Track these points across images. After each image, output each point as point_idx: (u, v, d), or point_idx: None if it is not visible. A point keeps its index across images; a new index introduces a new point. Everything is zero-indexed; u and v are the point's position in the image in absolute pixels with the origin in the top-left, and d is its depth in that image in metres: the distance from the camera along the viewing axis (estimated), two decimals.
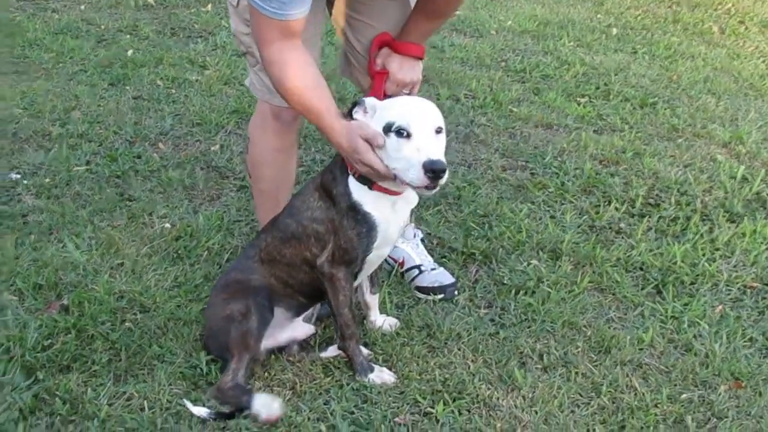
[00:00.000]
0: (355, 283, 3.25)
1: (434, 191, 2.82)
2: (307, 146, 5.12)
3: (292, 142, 3.68)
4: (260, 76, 3.41)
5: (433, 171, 2.72)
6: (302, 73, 2.98)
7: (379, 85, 3.36)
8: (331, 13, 3.56)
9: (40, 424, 2.90)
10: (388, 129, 2.83)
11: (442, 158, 2.77)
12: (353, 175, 2.99)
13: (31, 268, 3.76)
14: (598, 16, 8.64)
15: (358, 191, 2.99)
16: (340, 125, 2.94)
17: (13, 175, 4.65)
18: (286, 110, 3.50)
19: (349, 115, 2.95)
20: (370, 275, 3.40)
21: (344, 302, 3.11)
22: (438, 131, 2.85)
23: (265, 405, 2.92)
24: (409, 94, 3.38)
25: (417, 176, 2.75)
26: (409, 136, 2.80)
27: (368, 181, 2.96)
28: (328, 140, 3.06)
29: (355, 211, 2.99)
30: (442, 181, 2.77)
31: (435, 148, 2.78)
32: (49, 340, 3.30)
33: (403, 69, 3.34)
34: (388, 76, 3.36)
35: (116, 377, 3.14)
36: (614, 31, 8.04)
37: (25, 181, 4.58)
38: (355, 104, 2.96)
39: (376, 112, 2.90)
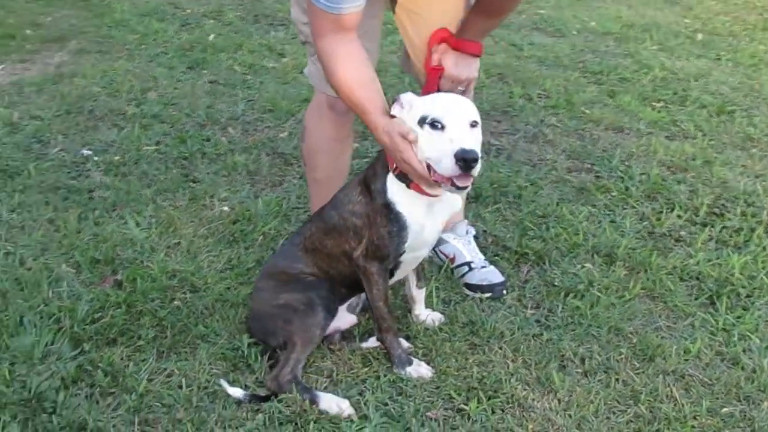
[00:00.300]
0: (392, 281, 3.25)
1: (466, 189, 2.81)
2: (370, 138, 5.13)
3: (347, 132, 3.71)
4: (318, 66, 3.44)
5: (464, 160, 2.70)
6: (352, 67, 3.00)
7: (433, 81, 3.36)
8: (393, 10, 3.56)
9: (80, 394, 2.99)
10: (422, 121, 2.83)
11: (476, 148, 2.76)
12: (393, 172, 3.00)
13: (90, 242, 3.86)
14: (686, 20, 8.51)
15: (394, 189, 3.01)
16: (384, 122, 2.94)
17: (85, 151, 4.77)
18: (341, 101, 3.52)
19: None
20: (417, 270, 3.41)
21: (378, 296, 3.13)
22: (473, 125, 2.84)
23: (333, 405, 2.96)
24: (464, 91, 3.37)
25: (449, 166, 2.73)
26: (443, 128, 2.80)
27: (407, 178, 2.97)
28: (375, 136, 3.07)
29: (388, 209, 3.00)
30: (475, 171, 2.75)
31: (468, 139, 2.78)
32: (99, 314, 3.40)
33: (459, 66, 3.34)
34: (443, 72, 3.35)
35: (159, 354, 3.21)
36: (699, 36, 7.91)
37: (95, 158, 4.71)
38: (393, 101, 2.97)
39: (412, 108, 2.91)
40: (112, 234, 3.93)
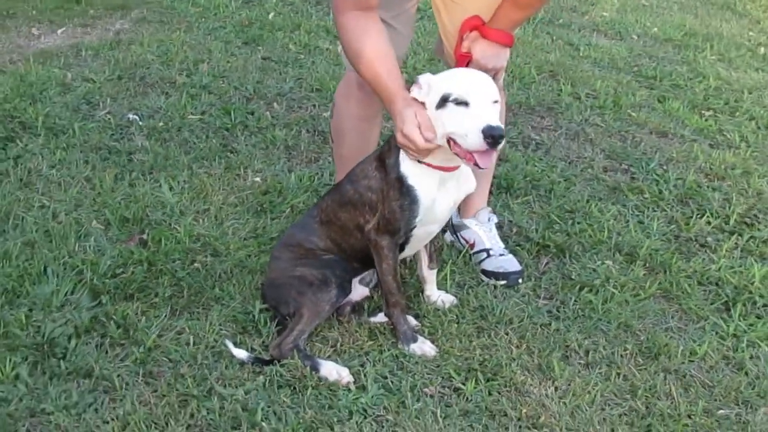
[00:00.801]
0: (402, 255, 3.31)
1: (486, 167, 2.89)
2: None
3: (375, 111, 3.77)
4: None
5: (492, 137, 2.79)
6: (372, 41, 3.09)
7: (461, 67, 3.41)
8: None
9: (91, 343, 3.10)
10: (445, 99, 2.90)
11: (501, 124, 2.84)
12: None
13: (122, 202, 3.98)
14: (750, 33, 8.42)
15: (407, 163, 3.07)
16: (405, 94, 3.04)
17: (131, 116, 4.89)
18: None
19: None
20: (428, 251, 3.47)
21: (387, 270, 3.19)
22: (495, 102, 2.91)
23: (333, 372, 3.04)
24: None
25: (476, 141, 2.82)
26: (467, 105, 2.87)
27: None
28: (389, 110, 3.14)
29: (400, 182, 3.07)
30: (500, 146, 2.85)
31: (495, 116, 2.85)
32: (121, 269, 3.51)
33: (487, 55, 3.38)
34: (471, 59, 3.40)
35: (173, 311, 3.32)
36: (762, 50, 7.83)
37: (140, 122, 4.83)
38: (411, 83, 3.03)
39: (431, 88, 2.97)
40: (144, 196, 4.03)
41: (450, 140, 2.93)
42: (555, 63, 6.54)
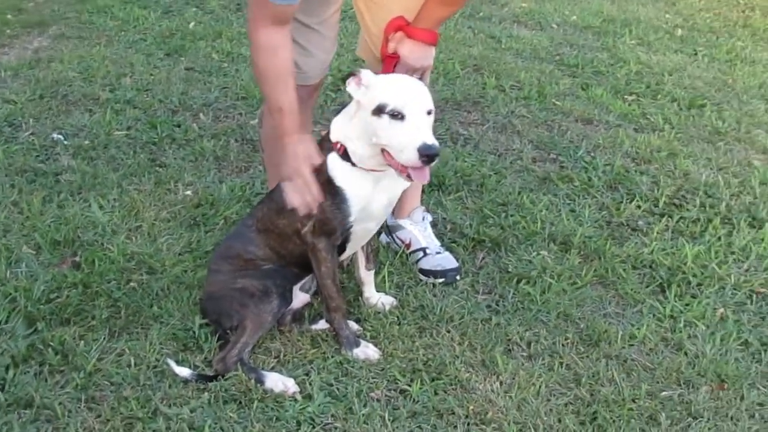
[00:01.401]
0: (342, 257, 3.32)
1: (419, 181, 2.96)
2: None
3: (307, 117, 3.77)
4: None
5: (428, 156, 2.81)
6: (279, 66, 3.16)
7: (389, 69, 3.41)
8: None
9: (29, 372, 3.04)
10: (380, 110, 2.90)
11: (436, 142, 2.84)
12: (337, 152, 3.06)
13: (52, 224, 3.91)
14: (667, 15, 8.55)
15: (335, 165, 3.08)
16: (301, 135, 3.18)
17: (55, 136, 4.82)
18: (301, 88, 3.58)
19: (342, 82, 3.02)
20: (366, 253, 3.47)
21: (326, 273, 3.19)
22: (429, 113, 2.92)
23: (278, 383, 3.03)
24: (419, 79, 3.42)
25: (411, 158, 2.83)
26: (402, 117, 2.87)
27: (347, 157, 3.04)
28: (279, 135, 3.23)
29: (330, 184, 3.08)
30: (434, 164, 2.87)
31: (430, 132, 2.86)
32: (56, 294, 3.46)
33: (414, 54, 3.39)
34: (398, 60, 3.41)
35: (111, 333, 3.27)
36: (679, 32, 7.95)
37: (65, 142, 4.76)
38: (349, 74, 3.03)
39: (369, 89, 2.97)
40: (74, 217, 3.97)
41: (384, 151, 2.93)
42: (478, 57, 6.58)
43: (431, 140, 2.83)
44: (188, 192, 4.29)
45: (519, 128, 5.37)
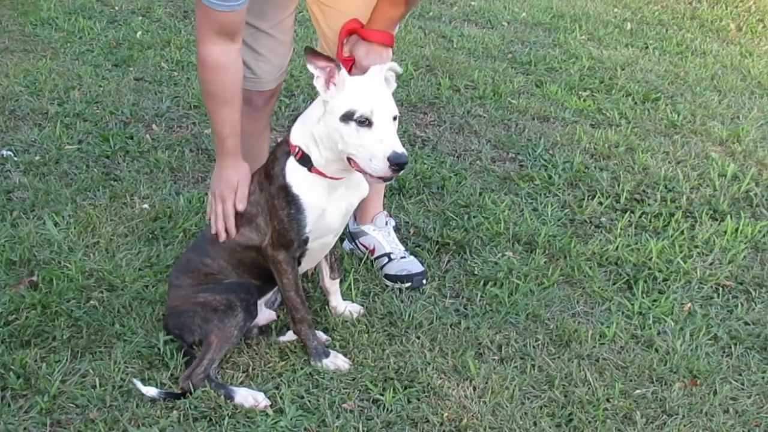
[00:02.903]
0: (301, 270, 3.26)
1: (390, 182, 2.90)
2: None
3: (264, 125, 3.72)
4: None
5: (398, 164, 2.77)
6: (225, 86, 3.16)
7: None
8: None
9: None
10: (348, 117, 2.85)
11: (404, 150, 2.80)
12: (294, 157, 3.01)
13: (6, 244, 3.80)
14: (615, 10, 8.57)
15: (293, 172, 3.02)
16: (237, 162, 3.21)
17: (5, 152, 4.70)
18: (257, 94, 3.55)
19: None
20: (329, 262, 3.42)
21: (288, 285, 3.13)
22: (394, 119, 2.88)
23: (248, 398, 2.97)
24: None
25: (380, 167, 2.80)
26: (370, 125, 2.83)
27: (308, 162, 2.99)
28: (217, 156, 3.27)
29: (285, 191, 3.02)
30: (403, 172, 2.86)
31: (398, 140, 2.82)
32: (14, 316, 3.35)
33: (369, 56, 3.34)
34: (353, 63, 3.36)
35: (74, 354, 3.19)
36: (628, 25, 7.98)
37: (15, 158, 4.63)
38: (313, 52, 2.94)
39: (339, 91, 2.91)
40: (29, 235, 3.87)
41: (350, 159, 2.89)
42: (431, 57, 6.54)
43: (401, 148, 2.79)
44: (145, 205, 4.20)
45: (476, 128, 5.34)
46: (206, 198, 4.20)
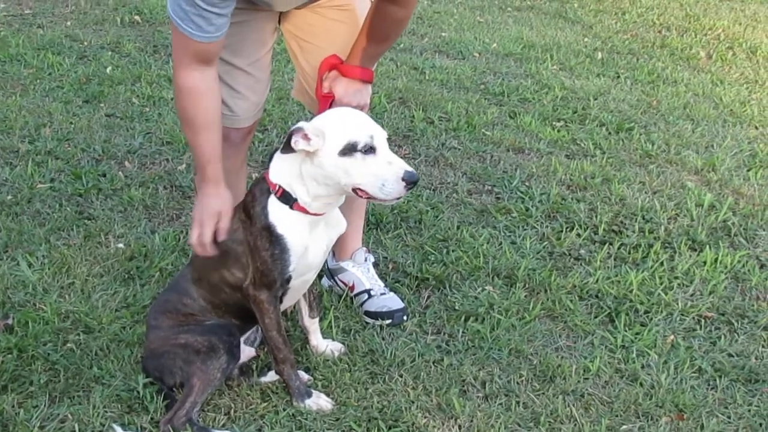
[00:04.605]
0: (282, 308, 3.21)
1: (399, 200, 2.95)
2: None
3: (241, 161, 3.69)
4: None
5: (413, 182, 2.83)
6: (204, 111, 3.13)
7: (324, 109, 3.34)
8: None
9: None
10: (352, 149, 2.84)
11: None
12: (275, 195, 2.97)
13: None
14: (585, 39, 8.61)
15: (276, 211, 2.98)
16: (219, 190, 3.16)
17: None
18: (234, 131, 3.51)
19: (287, 147, 2.91)
20: (308, 300, 3.38)
21: (271, 325, 3.09)
22: (387, 139, 2.92)
23: None
24: None
25: (395, 189, 2.83)
26: (374, 151, 2.84)
27: (289, 200, 2.96)
28: (197, 186, 3.22)
29: (269, 231, 2.98)
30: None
31: (402, 160, 2.85)
32: None
33: (349, 93, 3.32)
34: (333, 99, 3.34)
35: (52, 399, 3.13)
36: (599, 55, 8.01)
37: None
38: (290, 134, 2.90)
39: (325, 137, 2.88)
40: (3, 276, 3.81)
41: (357, 190, 2.88)
42: (403, 89, 6.53)
43: (409, 167, 2.83)
44: (120, 244, 4.14)
45: (451, 160, 5.33)
46: (182, 235, 4.17)
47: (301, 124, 2.90)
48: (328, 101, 3.34)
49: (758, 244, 4.51)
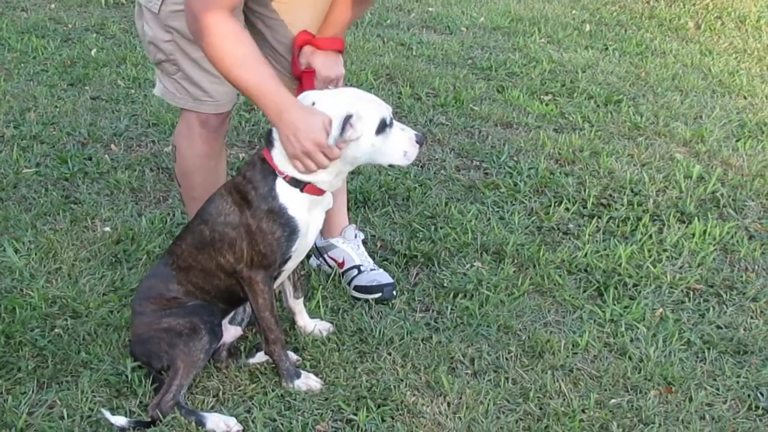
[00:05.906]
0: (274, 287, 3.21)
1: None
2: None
3: (220, 147, 3.66)
4: (182, 84, 3.39)
5: (421, 143, 3.10)
6: (249, 45, 2.99)
7: (309, 85, 3.35)
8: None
9: None
10: (383, 126, 2.99)
11: None
12: (283, 178, 2.95)
13: None
14: (573, 11, 8.57)
15: (286, 194, 2.98)
16: (295, 100, 2.98)
17: None
18: (213, 116, 3.48)
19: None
20: (292, 281, 3.37)
21: (264, 306, 3.08)
22: None
23: (219, 424, 2.92)
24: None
25: (414, 153, 3.09)
26: (392, 123, 3.00)
27: (299, 183, 2.96)
28: (273, 117, 2.97)
29: (277, 214, 2.97)
30: None
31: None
32: None
33: (327, 65, 3.35)
34: (314, 74, 3.34)
35: (40, 385, 3.12)
36: (587, 27, 7.98)
37: None
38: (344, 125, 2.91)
39: (362, 118, 2.94)
40: None
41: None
42: (390, 65, 6.50)
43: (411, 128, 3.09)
44: (107, 228, 4.13)
45: (439, 137, 5.31)
46: (169, 217, 4.16)
47: (346, 110, 2.91)
48: (311, 76, 3.34)
49: (747, 214, 4.51)
